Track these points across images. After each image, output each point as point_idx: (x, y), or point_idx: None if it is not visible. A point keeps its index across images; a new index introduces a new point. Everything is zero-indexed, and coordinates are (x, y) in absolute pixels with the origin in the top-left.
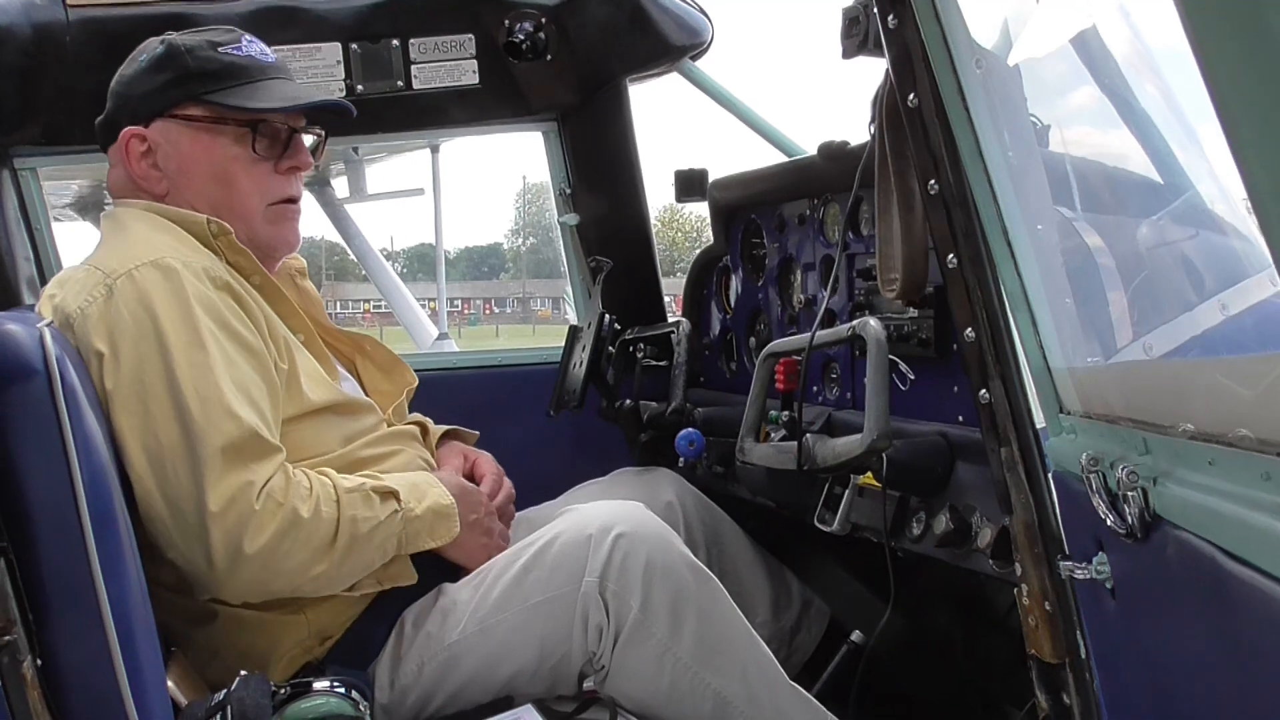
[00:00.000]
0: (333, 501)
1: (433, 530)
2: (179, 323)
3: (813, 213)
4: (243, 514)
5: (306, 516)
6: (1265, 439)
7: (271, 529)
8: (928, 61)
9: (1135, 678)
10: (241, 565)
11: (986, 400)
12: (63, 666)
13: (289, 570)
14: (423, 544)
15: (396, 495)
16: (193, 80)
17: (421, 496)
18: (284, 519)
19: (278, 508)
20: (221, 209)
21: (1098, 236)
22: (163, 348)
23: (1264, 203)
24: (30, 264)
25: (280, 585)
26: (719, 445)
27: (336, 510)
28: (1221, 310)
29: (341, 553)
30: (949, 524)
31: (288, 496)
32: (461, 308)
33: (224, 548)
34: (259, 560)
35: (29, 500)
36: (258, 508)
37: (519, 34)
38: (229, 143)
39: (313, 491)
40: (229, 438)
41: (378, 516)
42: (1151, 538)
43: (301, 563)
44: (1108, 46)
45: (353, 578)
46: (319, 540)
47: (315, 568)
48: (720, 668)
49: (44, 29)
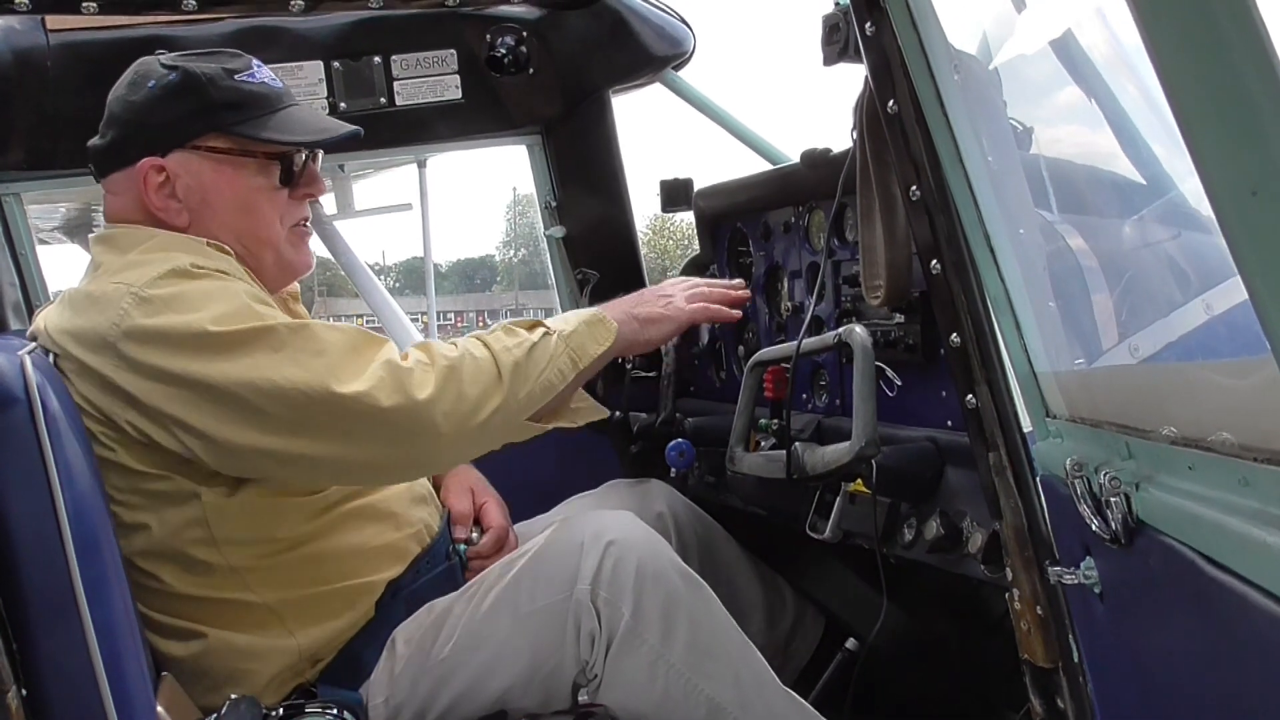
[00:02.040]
0: (478, 343)
1: (595, 336)
2: (226, 295)
3: (798, 220)
4: (399, 377)
5: (456, 356)
6: (1244, 444)
7: (434, 378)
8: (906, 68)
9: (1126, 682)
10: (429, 419)
11: (973, 405)
12: (49, 695)
13: (468, 410)
14: (593, 349)
15: (541, 323)
16: (217, 111)
17: (568, 319)
18: (440, 368)
19: (428, 365)
20: (246, 238)
21: (1081, 239)
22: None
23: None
24: (15, 289)
25: (469, 429)
26: (709, 455)
27: (486, 348)
28: (1206, 310)
29: (510, 380)
30: (940, 529)
31: (431, 353)
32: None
33: (398, 414)
34: (441, 409)
35: (11, 528)
36: (409, 366)
37: (500, 48)
38: (253, 174)
39: (453, 344)
40: (346, 339)
41: (530, 339)
42: (1135, 543)
43: (476, 400)
44: (1086, 48)
45: (534, 402)
46: (486, 375)
47: (491, 400)
48: (713, 674)
49: (24, 54)
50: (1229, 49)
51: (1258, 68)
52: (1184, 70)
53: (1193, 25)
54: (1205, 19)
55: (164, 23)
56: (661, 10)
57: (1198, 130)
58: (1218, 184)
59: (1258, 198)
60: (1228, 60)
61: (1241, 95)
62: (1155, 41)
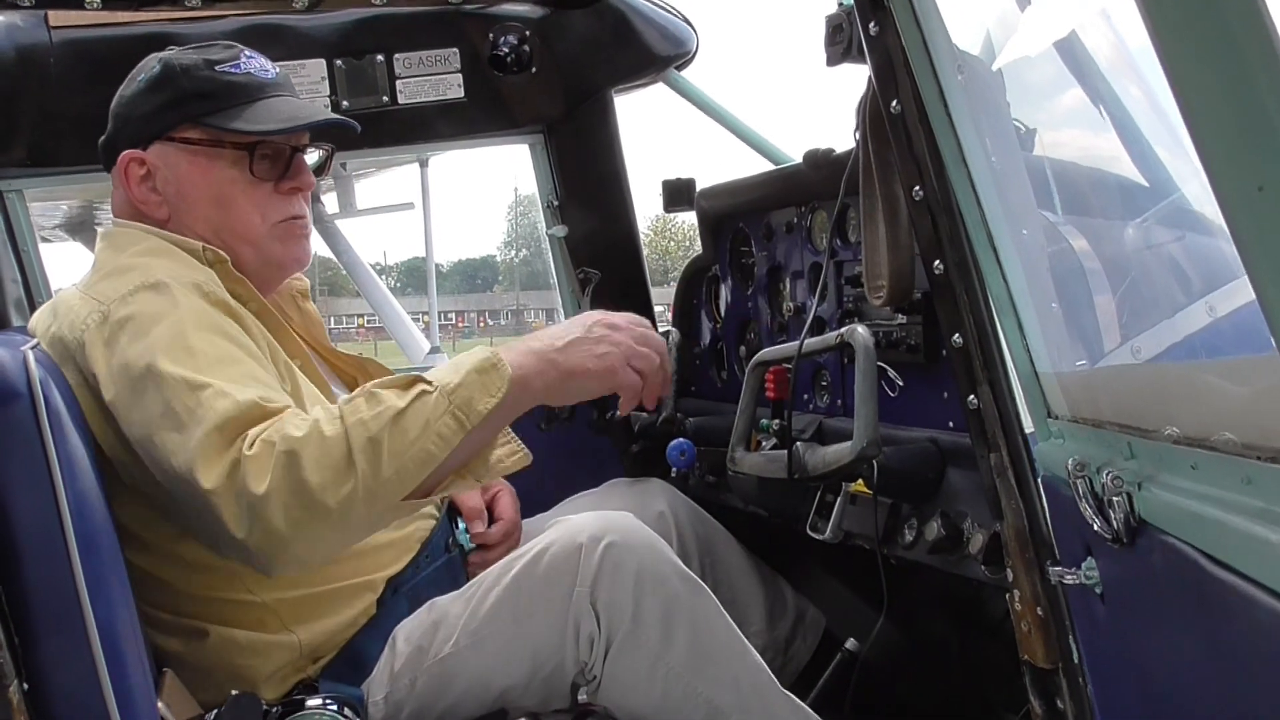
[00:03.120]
0: (334, 418)
1: (485, 387)
2: (169, 329)
3: (800, 221)
4: (242, 467)
5: (301, 436)
6: (1247, 443)
7: (271, 466)
8: (909, 68)
9: (1127, 682)
10: (264, 515)
11: (975, 406)
12: (51, 690)
13: (316, 501)
14: (483, 405)
15: (421, 379)
16: (189, 102)
17: (459, 367)
18: (280, 452)
19: (270, 446)
20: (223, 232)
21: (1084, 240)
22: (152, 354)
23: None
24: (18, 286)
25: (318, 520)
26: (710, 455)
27: (340, 424)
28: (1209, 312)
29: (365, 459)
30: (940, 530)
31: (279, 432)
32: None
33: (237, 506)
34: (277, 501)
35: (13, 523)
36: (251, 453)
37: (503, 47)
38: (226, 166)
39: (309, 419)
40: (225, 414)
41: (394, 406)
42: (1137, 543)
43: (322, 486)
44: (1090, 50)
45: (408, 479)
46: (333, 456)
47: (341, 488)
48: (712, 677)
49: (27, 51)
50: (1236, 47)
51: (1265, 65)
52: (1191, 68)
53: (1200, 24)
54: (1213, 17)
55: (167, 20)
56: (664, 10)
57: (1205, 127)
58: (1224, 181)
59: (1264, 194)
60: (1235, 58)
61: (1248, 93)
62: (1163, 40)
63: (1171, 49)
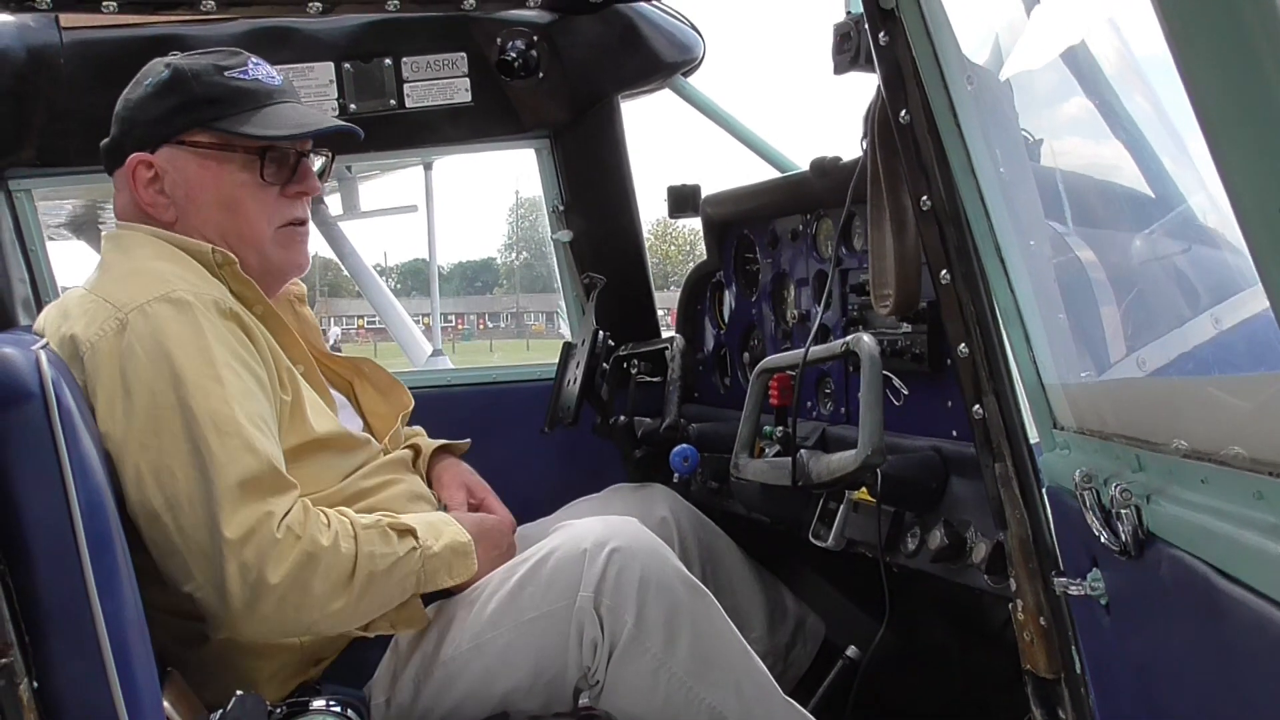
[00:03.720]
0: (350, 537)
1: (451, 568)
2: (195, 357)
3: (805, 228)
4: (262, 544)
5: (326, 546)
6: (1258, 458)
7: (291, 559)
8: (919, 78)
9: (1130, 694)
10: (261, 598)
11: (980, 416)
12: (59, 688)
13: (308, 604)
14: (442, 581)
15: (414, 533)
16: (199, 107)
17: (439, 535)
18: (303, 550)
19: (296, 540)
20: (230, 235)
21: (1091, 251)
22: (178, 382)
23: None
24: (25, 285)
25: (297, 619)
26: (714, 461)
27: (355, 545)
28: (1214, 325)
29: (360, 588)
30: (943, 539)
31: (306, 529)
32: (455, 323)
33: (242, 578)
34: (279, 592)
35: (25, 523)
36: (279, 537)
37: (511, 52)
38: (236, 169)
39: (330, 525)
40: (248, 471)
41: (396, 553)
42: (1145, 555)
43: (320, 597)
44: (1099, 61)
45: (368, 615)
46: (338, 574)
47: (334, 603)
48: (715, 682)
49: (38, 51)
50: (1259, 67)
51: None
52: (1214, 89)
53: (1223, 44)
54: (1234, 32)
55: (177, 22)
56: (672, 16)
57: (1227, 147)
58: (1245, 201)
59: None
60: (1258, 78)
61: (1271, 113)
62: (1185, 60)
63: (1194, 69)
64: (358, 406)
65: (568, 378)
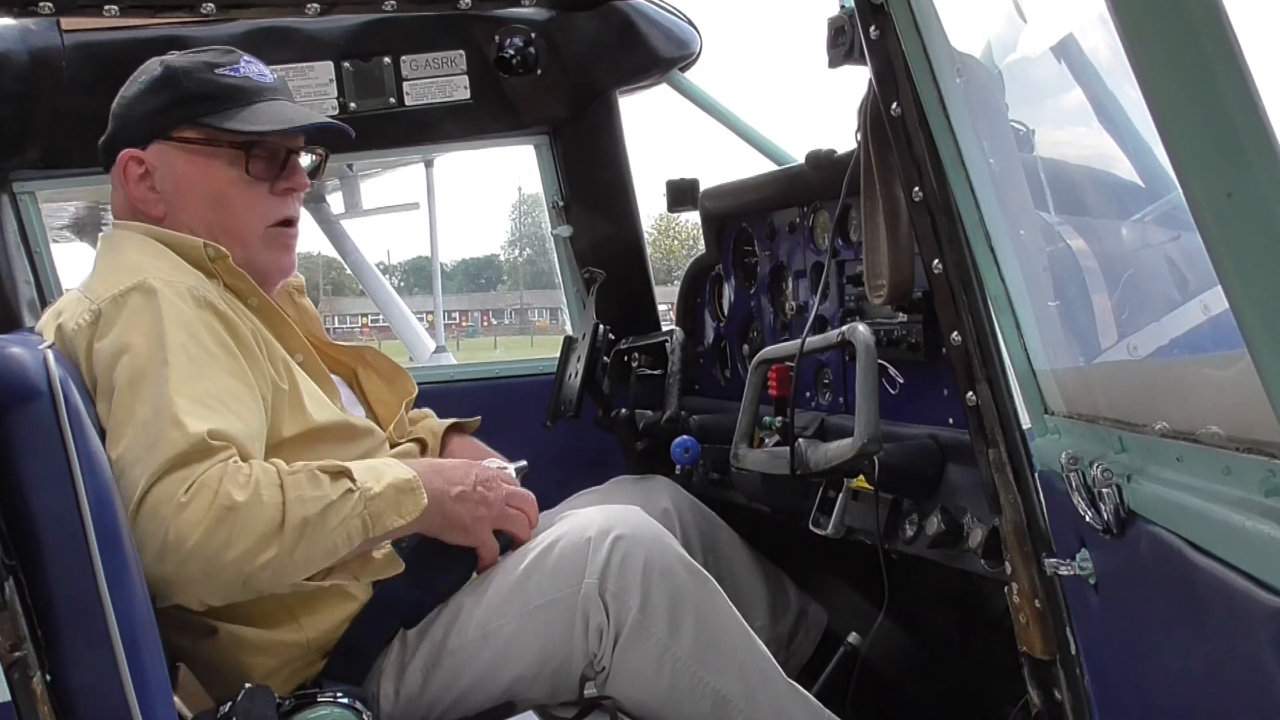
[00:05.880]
0: (275, 485)
1: (398, 506)
2: (149, 341)
3: (802, 221)
4: (173, 508)
5: (242, 501)
6: (1230, 435)
7: (206, 519)
8: (909, 71)
9: (1121, 671)
10: (188, 560)
11: (974, 403)
12: (72, 681)
13: (232, 560)
14: (391, 522)
15: (349, 474)
16: (188, 103)
17: (379, 476)
18: (220, 506)
19: (212, 496)
20: (218, 231)
21: (1081, 239)
22: (130, 366)
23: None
24: (30, 287)
25: (230, 576)
26: (714, 452)
27: (280, 494)
28: (1204, 310)
29: (292, 536)
30: (941, 525)
31: (221, 484)
32: (459, 320)
33: (163, 544)
34: (201, 552)
35: (36, 519)
36: (185, 500)
37: (509, 49)
38: (224, 165)
39: (251, 477)
40: (175, 446)
41: (328, 495)
42: (1127, 533)
43: (244, 550)
44: (1088, 52)
45: (312, 563)
46: (263, 525)
47: (264, 553)
48: (719, 667)
49: (40, 54)
50: (1203, 59)
51: (1229, 77)
52: (1161, 80)
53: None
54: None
55: (177, 23)
56: (668, 12)
57: (1176, 137)
58: (1195, 188)
59: (1233, 200)
60: (1201, 70)
61: (1215, 103)
62: (1135, 52)
63: (1143, 61)
64: (362, 395)
65: (569, 372)
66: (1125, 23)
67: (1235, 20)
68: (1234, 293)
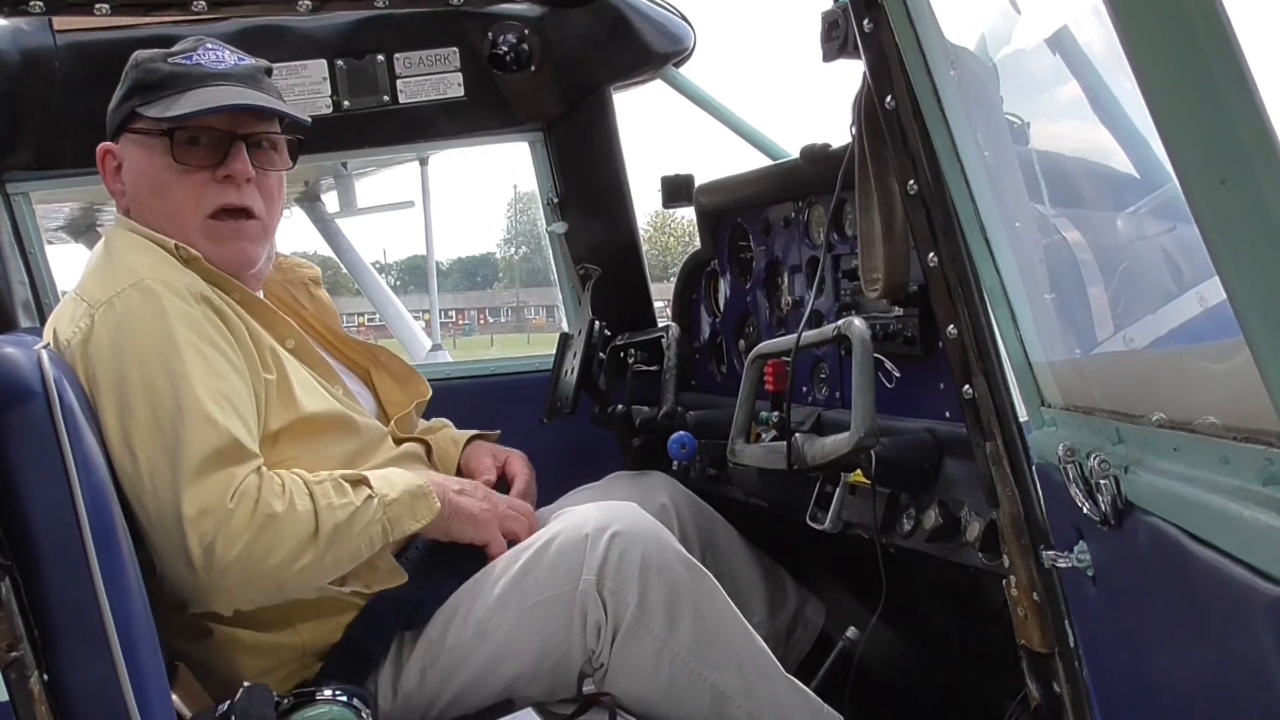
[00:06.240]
0: (306, 494)
1: (414, 510)
2: (158, 340)
3: (798, 215)
4: (219, 516)
5: (281, 511)
6: (1227, 424)
7: (250, 528)
8: (903, 65)
9: (1119, 663)
10: (228, 568)
11: (970, 396)
12: (70, 680)
13: (272, 567)
14: (408, 526)
15: (367, 482)
16: (136, 93)
17: (393, 483)
18: (262, 515)
19: (253, 508)
20: (163, 221)
21: (1077, 232)
22: (140, 365)
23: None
24: (25, 287)
25: (267, 584)
26: (711, 447)
27: (312, 502)
28: (1200, 302)
29: (325, 541)
30: (938, 519)
31: (261, 493)
32: (456, 319)
33: (201, 550)
34: (243, 561)
35: (32, 519)
36: (232, 507)
37: (502, 46)
38: (158, 154)
39: (285, 488)
40: (207, 447)
41: (353, 502)
42: (1124, 524)
43: (284, 558)
44: (1081, 43)
45: (337, 568)
46: (301, 533)
47: (301, 560)
48: (717, 662)
49: (32, 55)
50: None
51: (1224, 65)
52: (1156, 69)
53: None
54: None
55: (170, 23)
56: (662, 7)
57: (1170, 125)
58: (1189, 176)
59: (1226, 187)
60: (1197, 58)
61: (1210, 91)
62: (1131, 42)
63: (1137, 46)
64: (376, 396)
65: (565, 368)
66: (1119, 9)
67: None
68: (1230, 280)
